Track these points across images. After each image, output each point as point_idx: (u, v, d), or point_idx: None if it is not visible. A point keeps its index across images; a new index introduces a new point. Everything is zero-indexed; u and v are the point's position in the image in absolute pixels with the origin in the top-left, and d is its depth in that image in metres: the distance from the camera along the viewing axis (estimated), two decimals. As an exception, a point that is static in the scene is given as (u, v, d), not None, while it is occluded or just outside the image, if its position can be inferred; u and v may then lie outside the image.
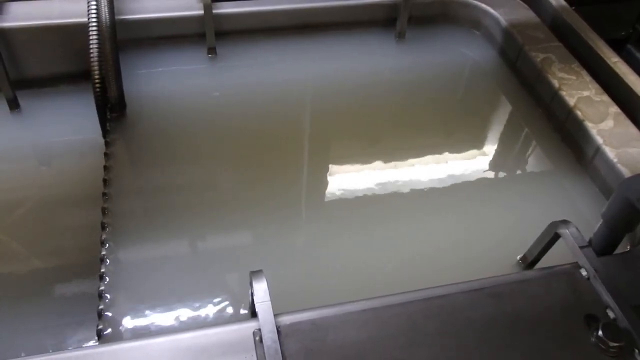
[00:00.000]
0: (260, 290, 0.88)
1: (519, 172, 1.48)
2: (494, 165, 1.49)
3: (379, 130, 1.60)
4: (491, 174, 1.47)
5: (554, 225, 1.01)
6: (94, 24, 1.49)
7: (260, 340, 0.84)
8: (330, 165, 1.48)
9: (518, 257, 1.20)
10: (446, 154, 1.52)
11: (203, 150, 1.49)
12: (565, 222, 0.99)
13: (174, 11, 1.72)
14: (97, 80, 1.51)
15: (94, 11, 1.49)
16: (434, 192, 1.41)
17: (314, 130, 1.58)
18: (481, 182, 1.44)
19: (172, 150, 1.47)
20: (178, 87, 1.66)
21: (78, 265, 1.34)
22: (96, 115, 1.66)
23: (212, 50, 1.74)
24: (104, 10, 1.46)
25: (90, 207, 1.45)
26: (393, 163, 1.48)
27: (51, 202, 1.49)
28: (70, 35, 1.66)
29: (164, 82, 1.67)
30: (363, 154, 1.51)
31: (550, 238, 1.02)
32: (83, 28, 1.61)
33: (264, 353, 0.82)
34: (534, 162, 1.49)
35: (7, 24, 1.60)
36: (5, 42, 1.61)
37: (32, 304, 1.26)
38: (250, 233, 1.28)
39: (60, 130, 1.65)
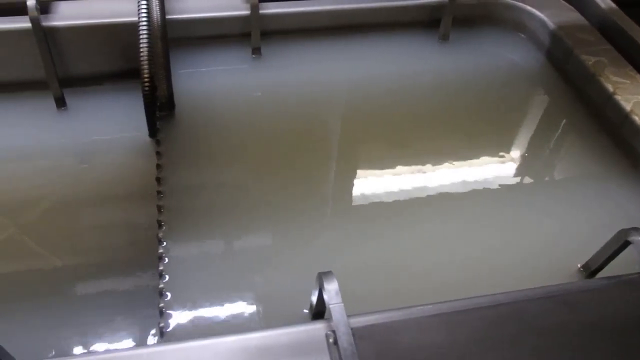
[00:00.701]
0: (332, 291, 0.87)
1: (569, 177, 1.46)
2: (543, 170, 1.48)
3: (420, 133, 1.58)
4: (540, 180, 1.46)
5: (624, 232, 0.99)
6: (144, 23, 1.49)
7: (334, 342, 0.84)
8: (369, 170, 1.48)
9: (579, 265, 1.18)
10: (489, 158, 1.51)
11: (248, 150, 1.49)
12: (636, 230, 0.97)
13: (220, 11, 1.72)
14: (146, 79, 1.51)
15: (145, 10, 1.49)
16: (480, 196, 1.40)
17: (355, 132, 1.58)
18: (529, 188, 1.43)
19: (218, 149, 1.47)
20: (223, 86, 1.66)
21: (121, 262, 1.35)
22: (141, 113, 1.66)
23: (256, 51, 1.74)
24: (155, 9, 1.46)
25: (137, 203, 1.46)
26: (430, 167, 1.47)
27: (95, 200, 1.49)
28: (116, 34, 1.67)
29: (208, 82, 1.67)
30: (400, 157, 1.50)
31: (619, 246, 1.01)
32: (129, 27, 1.62)
33: (339, 355, 0.82)
34: (585, 167, 1.47)
35: (56, 23, 1.60)
36: (54, 41, 1.62)
37: (84, 300, 1.26)
38: (293, 234, 1.28)
39: (105, 128, 1.66)
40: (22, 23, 1.57)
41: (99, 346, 1.14)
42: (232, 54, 1.74)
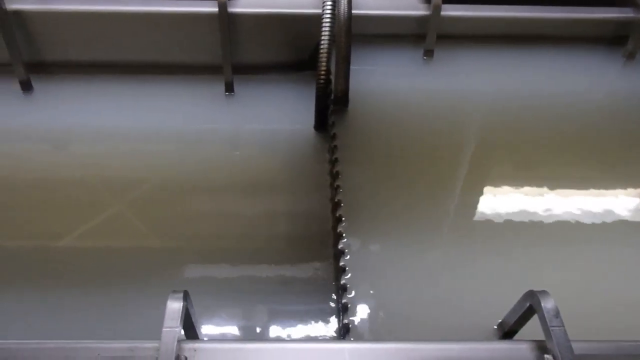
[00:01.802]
0: (552, 312, 0.81)
1: None
2: None
3: (586, 156, 1.48)
4: None
5: None
6: (329, 15, 1.49)
7: (554, 367, 0.78)
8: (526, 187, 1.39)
9: None
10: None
11: (416, 151, 1.45)
12: None
13: (397, 10, 1.69)
14: (322, 72, 1.51)
15: (331, 3, 1.49)
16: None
17: (519, 148, 1.50)
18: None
19: (390, 148, 1.45)
20: (393, 86, 1.64)
21: (288, 252, 1.34)
22: (306, 105, 1.68)
23: (429, 53, 1.70)
24: (343, 2, 1.45)
25: (300, 194, 1.46)
26: (577, 194, 1.37)
27: (259, 187, 1.50)
28: (293, 25, 1.69)
29: (379, 80, 1.65)
30: (549, 180, 1.41)
31: None
32: (308, 19, 1.64)
33: (560, 382, 0.76)
34: None
35: (240, 10, 1.64)
36: (234, 27, 1.65)
37: (254, 286, 1.26)
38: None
39: (268, 116, 1.68)
40: (209, 7, 1.62)
41: (275, 334, 1.14)
42: (403, 54, 1.72)
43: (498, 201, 1.35)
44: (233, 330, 1.15)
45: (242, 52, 1.74)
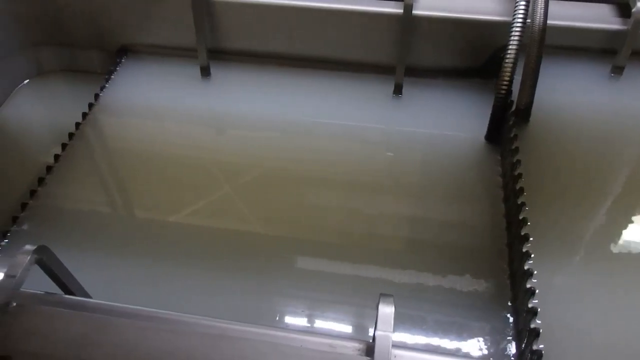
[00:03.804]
0: None
1: None
2: None
3: None
4: None
5: None
6: (520, 24, 1.43)
7: None
8: None
9: None
10: None
11: (597, 171, 1.36)
12: None
13: (589, 22, 1.60)
14: (505, 82, 1.47)
15: (523, 11, 1.43)
16: None
17: None
18: None
19: (570, 166, 1.37)
20: (576, 102, 1.55)
21: (457, 263, 1.30)
22: (477, 114, 1.63)
23: (618, 69, 1.60)
24: (540, 11, 1.40)
25: (472, 205, 1.41)
26: None
27: (405, 190, 1.49)
28: (472, 31, 1.65)
29: (562, 94, 1.57)
30: None
31: None
32: (489, 25, 1.60)
33: None
34: None
35: (424, 12, 1.62)
36: (414, 29, 1.64)
37: (421, 294, 1.24)
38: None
39: (435, 122, 1.66)
40: (394, 8, 1.62)
41: (442, 347, 1.11)
42: (589, 68, 1.62)
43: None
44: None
45: (414, 55, 1.72)
